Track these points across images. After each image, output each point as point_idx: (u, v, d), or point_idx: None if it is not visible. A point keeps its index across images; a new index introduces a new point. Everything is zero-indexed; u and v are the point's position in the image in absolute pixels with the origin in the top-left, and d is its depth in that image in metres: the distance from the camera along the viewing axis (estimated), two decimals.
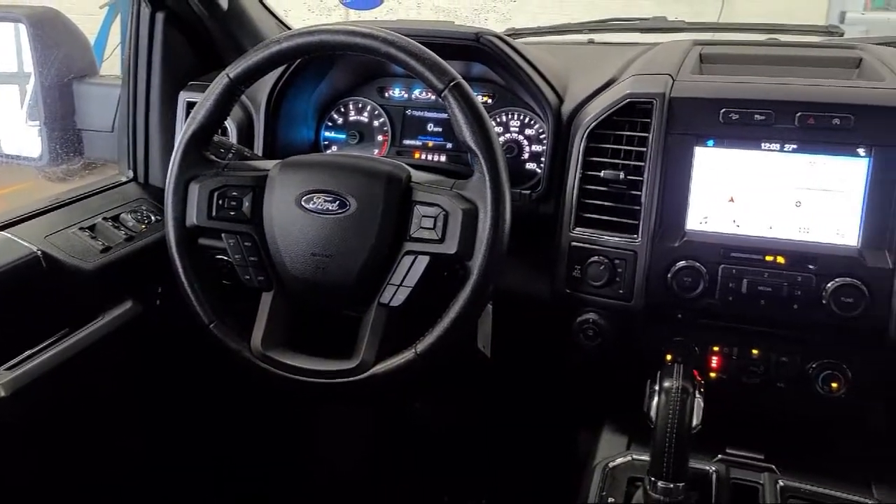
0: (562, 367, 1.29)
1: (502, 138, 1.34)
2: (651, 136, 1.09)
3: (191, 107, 1.26)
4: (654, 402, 0.96)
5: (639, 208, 1.09)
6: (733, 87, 1.10)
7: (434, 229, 0.99)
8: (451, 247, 0.98)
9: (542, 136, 1.31)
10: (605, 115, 1.13)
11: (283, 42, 1.04)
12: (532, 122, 1.33)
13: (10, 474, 1.09)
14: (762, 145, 1.06)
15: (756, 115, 1.05)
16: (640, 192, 1.09)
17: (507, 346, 1.24)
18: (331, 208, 1.02)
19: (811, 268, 1.02)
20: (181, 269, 1.08)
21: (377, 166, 1.05)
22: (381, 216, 1.01)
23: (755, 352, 1.10)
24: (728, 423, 1.06)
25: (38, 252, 1.13)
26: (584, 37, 1.64)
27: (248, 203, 1.07)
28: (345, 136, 1.45)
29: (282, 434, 1.71)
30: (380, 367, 1.01)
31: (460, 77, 0.99)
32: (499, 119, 1.35)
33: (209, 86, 1.08)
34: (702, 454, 1.06)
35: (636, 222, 1.09)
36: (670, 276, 1.07)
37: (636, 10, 1.73)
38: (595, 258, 1.11)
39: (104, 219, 1.30)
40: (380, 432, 1.78)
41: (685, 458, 0.94)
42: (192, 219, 1.08)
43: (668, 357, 1.11)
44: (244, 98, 1.35)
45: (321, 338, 1.11)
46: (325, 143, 1.46)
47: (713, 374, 1.12)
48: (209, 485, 1.55)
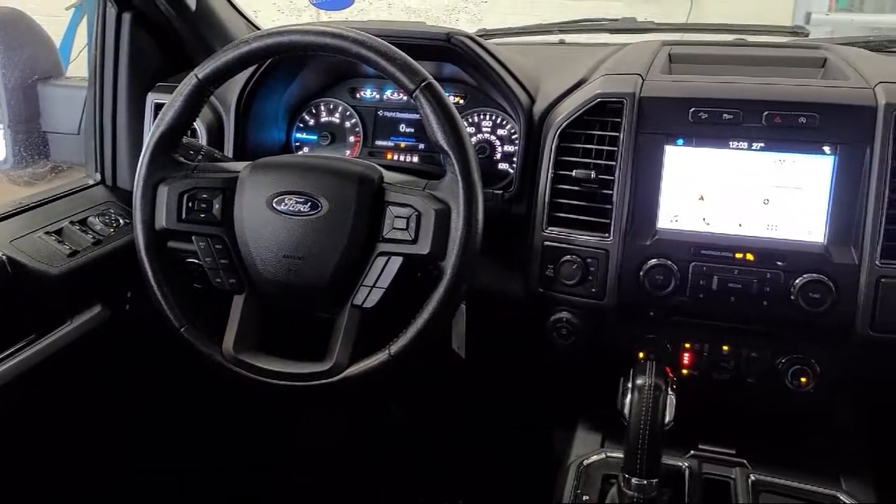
0: (536, 366, 1.29)
1: (474, 139, 1.34)
2: (622, 136, 1.10)
3: (159, 108, 1.25)
4: (628, 399, 0.97)
5: (610, 207, 1.10)
6: (702, 87, 1.12)
7: (407, 230, 0.99)
8: (424, 247, 0.98)
9: (513, 137, 1.31)
10: (577, 114, 1.13)
11: (252, 42, 1.03)
12: (504, 122, 1.33)
13: None
14: (731, 144, 1.07)
15: (724, 115, 1.07)
16: (611, 191, 1.10)
17: (481, 346, 1.24)
18: (302, 210, 1.02)
19: (779, 264, 1.04)
20: (150, 273, 1.07)
21: (349, 167, 1.05)
22: (353, 217, 1.00)
23: (726, 348, 1.12)
24: (700, 419, 1.07)
25: (3, 257, 1.11)
26: (555, 37, 1.65)
27: (218, 205, 1.06)
28: (316, 137, 1.44)
29: (257, 437, 1.70)
30: (354, 369, 1.00)
31: (431, 77, 0.99)
32: (471, 119, 1.35)
33: (178, 87, 1.06)
34: (675, 450, 1.07)
35: (608, 221, 1.10)
36: (642, 274, 1.08)
37: (607, 11, 1.74)
38: (568, 257, 1.12)
39: (71, 223, 1.28)
40: (355, 434, 1.78)
41: (658, 455, 0.94)
42: (161, 222, 1.06)
43: (641, 355, 1.12)
44: (214, 99, 1.34)
45: (294, 340, 1.10)
46: (297, 144, 1.45)
47: (685, 371, 1.13)
48: (183, 489, 1.53)
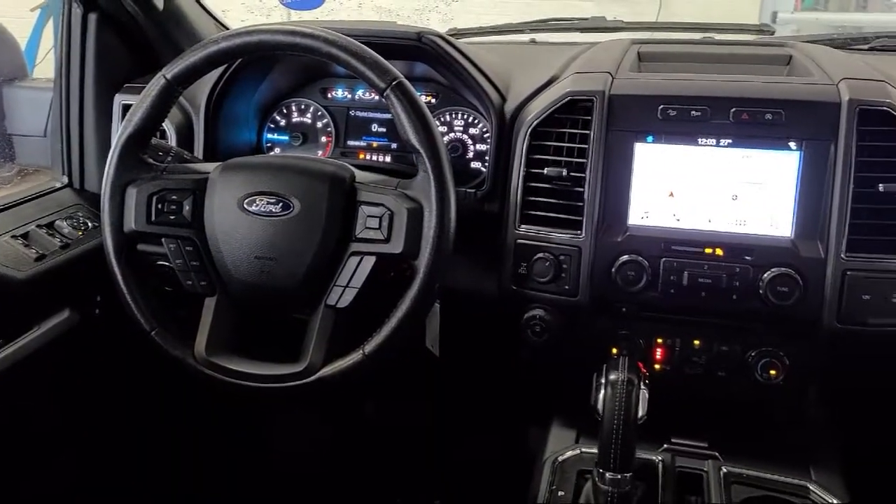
0: (510, 364, 1.30)
1: (446, 138, 1.35)
2: (592, 133, 1.10)
3: (127, 109, 1.23)
4: (601, 394, 0.98)
5: (582, 204, 1.11)
6: (670, 84, 1.13)
7: (379, 229, 0.99)
8: (396, 246, 0.98)
9: (485, 135, 1.32)
10: (547, 112, 1.14)
11: (221, 42, 1.02)
12: (476, 121, 1.34)
13: None
14: (699, 141, 1.09)
15: (693, 111, 1.08)
16: (583, 189, 1.11)
17: (455, 344, 1.24)
18: (274, 210, 1.01)
19: (748, 259, 1.05)
20: (120, 276, 1.05)
21: (321, 167, 1.04)
22: (325, 217, 1.00)
23: (697, 342, 1.13)
24: (673, 413, 1.08)
25: None
26: (525, 37, 1.65)
27: (188, 206, 1.05)
28: (288, 137, 1.43)
29: (232, 440, 1.68)
30: (328, 370, 1.00)
31: (402, 76, 0.99)
32: (442, 118, 1.35)
33: (145, 87, 1.05)
34: (648, 444, 1.08)
35: (580, 218, 1.11)
36: (614, 270, 1.09)
37: (577, 10, 1.75)
38: (540, 255, 1.12)
39: (38, 226, 1.26)
40: (331, 435, 1.77)
41: (632, 449, 0.95)
42: (130, 224, 1.05)
43: (614, 350, 1.13)
44: (183, 100, 1.33)
45: (268, 342, 1.09)
46: (268, 145, 1.44)
47: (657, 366, 1.14)
48: (158, 494, 1.51)
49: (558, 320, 1.14)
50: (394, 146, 1.39)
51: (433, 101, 1.37)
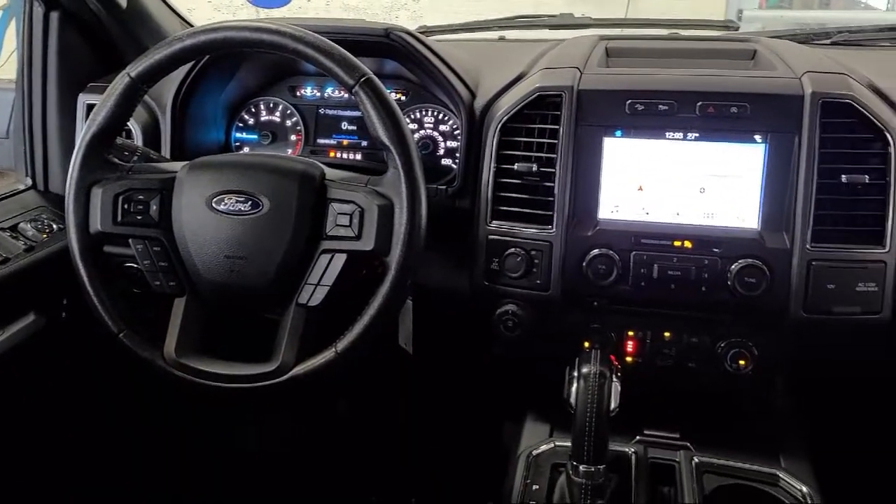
0: (484, 359, 1.30)
1: (417, 135, 1.34)
2: (561, 129, 1.11)
3: (91, 109, 1.21)
4: (574, 388, 0.98)
5: (552, 199, 1.11)
6: (638, 79, 1.14)
7: (350, 226, 0.98)
8: (367, 243, 0.97)
9: (456, 132, 1.32)
10: (517, 108, 1.14)
11: (186, 39, 1.01)
12: (446, 118, 1.34)
13: None
14: (667, 135, 1.10)
15: (660, 106, 1.09)
16: (553, 184, 1.11)
17: (429, 341, 1.24)
18: (243, 209, 1.00)
19: (716, 251, 1.07)
20: (86, 278, 1.04)
21: (290, 165, 1.03)
22: (295, 215, 0.99)
23: (668, 335, 1.14)
24: (645, 405, 1.09)
25: None
26: (495, 34, 1.66)
27: (155, 206, 1.03)
28: (257, 136, 1.42)
29: (204, 440, 1.67)
30: (300, 368, 0.99)
31: (371, 72, 0.98)
32: (413, 116, 1.35)
33: (109, 86, 1.04)
34: (621, 437, 1.09)
35: (550, 213, 1.11)
36: (585, 264, 1.09)
37: (546, 8, 1.76)
38: (512, 250, 1.13)
39: (1, 229, 1.23)
40: (305, 435, 1.76)
41: (605, 441, 0.96)
42: (95, 225, 1.03)
43: (586, 344, 1.13)
44: (149, 99, 1.31)
45: (239, 342, 1.08)
46: (237, 144, 1.43)
47: (629, 359, 1.15)
48: (130, 495, 1.49)
49: (530, 315, 1.15)
50: (364, 144, 1.39)
51: (403, 98, 1.36)
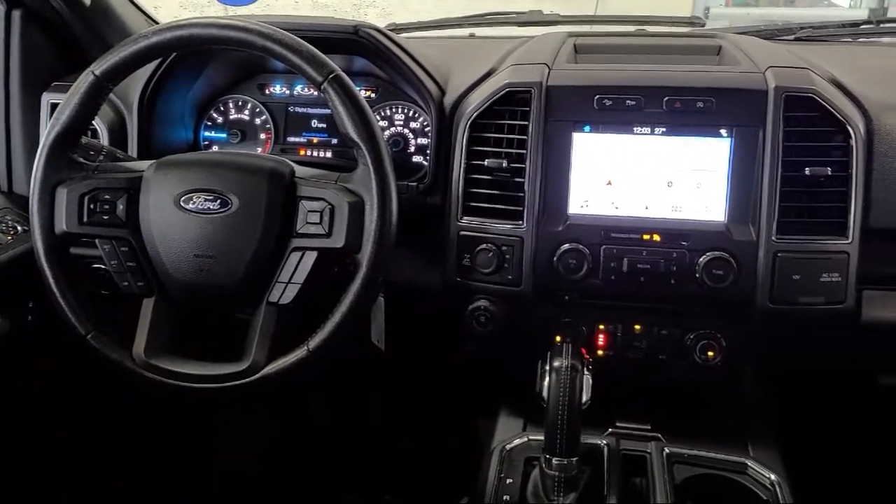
0: (457, 355, 1.30)
1: (387, 132, 1.34)
2: (531, 124, 1.12)
3: (55, 108, 1.19)
4: (546, 382, 0.99)
5: (522, 195, 1.12)
6: (606, 75, 1.15)
7: (321, 224, 0.98)
8: (338, 240, 0.97)
9: (426, 129, 1.32)
10: (486, 104, 1.15)
11: (151, 37, 1.00)
12: (416, 115, 1.34)
13: None
14: (635, 129, 1.11)
15: (627, 101, 1.10)
16: (523, 179, 1.12)
17: (401, 338, 1.24)
18: (212, 207, 0.99)
19: (684, 244, 1.08)
20: (52, 280, 1.02)
21: (259, 162, 1.03)
22: (265, 213, 0.99)
23: (638, 328, 1.15)
24: (617, 397, 1.10)
25: None
26: (464, 31, 1.66)
27: (122, 206, 1.02)
28: (226, 135, 1.40)
29: (177, 442, 1.65)
30: (272, 367, 0.98)
31: (339, 69, 0.98)
32: (383, 113, 1.35)
33: (73, 84, 1.02)
34: (593, 429, 1.10)
35: (521, 209, 1.12)
36: (556, 259, 1.10)
37: (515, 5, 1.76)
38: (483, 246, 1.13)
39: None
40: (279, 435, 1.75)
41: (577, 434, 0.97)
42: (61, 226, 1.02)
43: (558, 338, 1.14)
44: (114, 98, 1.30)
45: (210, 342, 1.07)
46: (205, 143, 1.42)
47: (600, 352, 1.16)
48: (102, 498, 1.47)
49: (502, 310, 1.16)
50: (334, 141, 1.38)
51: (373, 95, 1.36)
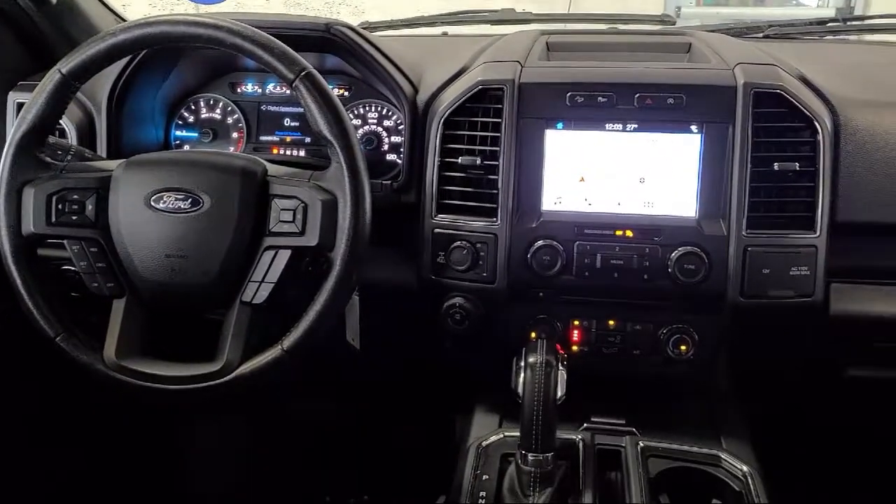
0: (433, 353, 1.30)
1: (361, 131, 1.34)
2: (504, 122, 1.12)
3: (21, 108, 1.17)
4: (521, 378, 0.99)
5: (496, 192, 1.12)
6: (578, 72, 1.15)
7: (294, 222, 0.97)
8: (312, 239, 0.97)
9: (400, 127, 1.32)
10: (459, 102, 1.15)
11: (119, 34, 0.98)
12: (390, 113, 1.33)
13: None
14: (607, 126, 1.12)
15: (599, 98, 1.11)
16: (496, 176, 1.12)
17: (377, 337, 1.24)
18: (183, 207, 0.98)
19: (657, 239, 1.09)
20: (19, 282, 1.00)
21: (231, 161, 1.02)
22: (237, 212, 0.98)
23: (612, 323, 1.16)
24: (592, 392, 1.11)
25: None
26: (437, 29, 1.67)
27: (91, 206, 1.00)
28: (197, 134, 1.39)
29: (153, 448, 1.63)
30: (246, 367, 0.98)
31: (311, 67, 0.98)
32: (356, 111, 1.34)
33: (40, 83, 1.00)
34: (569, 424, 1.11)
35: (495, 206, 1.12)
36: (530, 255, 1.11)
37: (488, 4, 1.77)
38: (458, 243, 1.13)
39: None
40: (256, 436, 1.73)
41: (552, 429, 0.97)
42: (28, 226, 1.00)
43: (533, 334, 1.15)
44: (83, 97, 1.28)
45: (183, 343, 1.06)
46: (177, 142, 1.40)
47: (575, 348, 1.17)
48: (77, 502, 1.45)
49: (478, 308, 1.16)
50: (308, 140, 1.37)
51: (346, 94, 1.35)
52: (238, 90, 1.39)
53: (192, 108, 1.40)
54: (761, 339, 1.15)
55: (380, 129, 1.34)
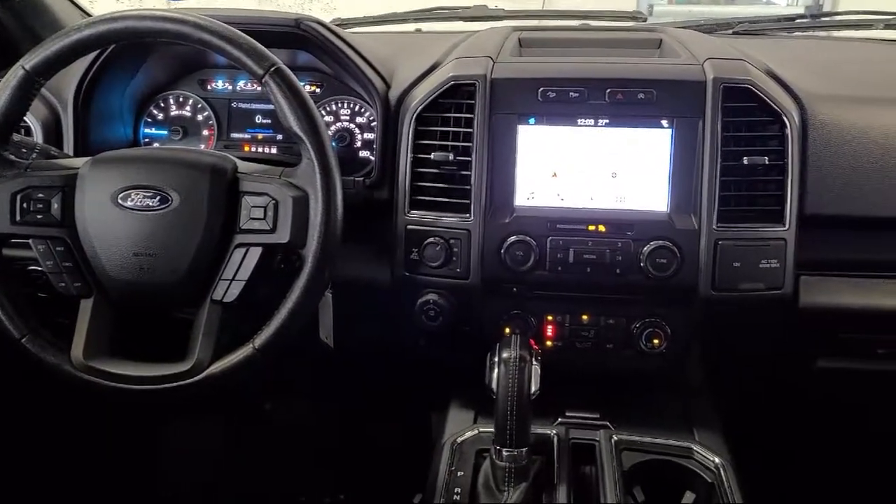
0: (407, 350, 1.30)
1: (333, 127, 1.33)
2: (476, 117, 1.12)
3: None
4: (495, 373, 0.99)
5: (469, 188, 1.12)
6: (549, 68, 1.16)
7: (265, 219, 0.96)
8: (283, 236, 0.95)
9: (372, 124, 1.31)
10: (431, 98, 1.14)
11: (84, 29, 0.96)
12: (362, 109, 1.33)
13: None
14: (578, 121, 1.12)
15: (571, 93, 1.11)
16: (469, 172, 1.12)
17: (351, 335, 1.23)
18: (151, 204, 0.97)
19: (629, 234, 1.10)
20: None
21: (200, 158, 1.00)
22: (206, 210, 0.96)
23: (585, 317, 1.17)
24: (566, 387, 1.11)
25: None
26: (410, 26, 1.66)
27: (57, 204, 0.98)
28: (167, 131, 1.37)
29: (129, 445, 1.61)
30: (217, 366, 0.96)
31: (281, 62, 0.97)
32: (328, 108, 1.34)
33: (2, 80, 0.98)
34: (544, 419, 1.11)
35: (468, 201, 1.12)
36: (503, 251, 1.11)
37: (461, 0, 1.77)
38: (431, 239, 1.13)
39: None
40: (231, 438, 1.72)
41: (527, 424, 0.97)
42: None
43: (507, 330, 1.15)
44: (48, 94, 1.26)
45: (153, 343, 1.05)
46: (146, 140, 1.38)
47: (549, 342, 1.17)
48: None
49: (452, 304, 1.16)
50: (279, 137, 1.36)
51: (318, 90, 1.35)
52: (208, 87, 1.38)
53: (162, 105, 1.38)
54: (733, 331, 1.16)
55: (352, 125, 1.33)
